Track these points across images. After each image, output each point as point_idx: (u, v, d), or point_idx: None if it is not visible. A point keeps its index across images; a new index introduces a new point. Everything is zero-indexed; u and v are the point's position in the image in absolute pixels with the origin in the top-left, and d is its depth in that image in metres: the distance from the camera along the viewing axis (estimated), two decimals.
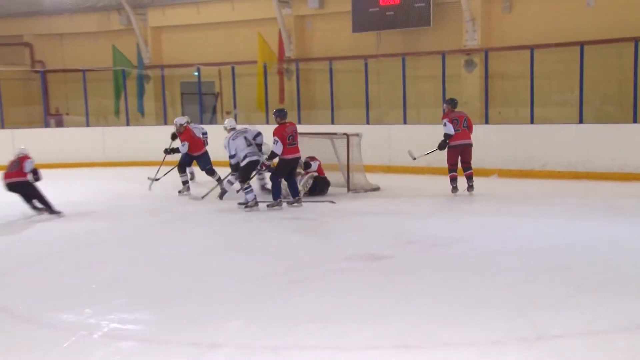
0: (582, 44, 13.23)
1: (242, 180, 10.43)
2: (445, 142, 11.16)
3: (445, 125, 11.11)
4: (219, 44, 18.57)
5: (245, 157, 10.48)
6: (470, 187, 11.27)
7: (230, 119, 11.59)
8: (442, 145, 11.23)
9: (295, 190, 10.53)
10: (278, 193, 10.39)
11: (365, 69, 15.49)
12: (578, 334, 4.93)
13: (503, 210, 10.11)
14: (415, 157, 11.63)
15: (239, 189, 10.60)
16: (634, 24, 13.67)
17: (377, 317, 5.37)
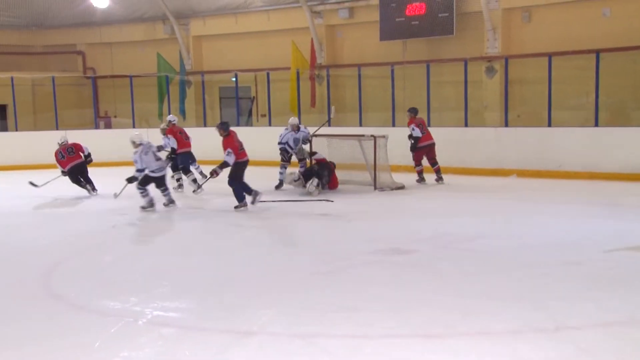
0: (597, 52, 13.11)
1: (140, 185, 10.31)
2: (415, 144, 12.33)
3: (413, 129, 12.32)
4: (255, 51, 18.63)
5: (154, 172, 10.28)
6: (439, 179, 12.38)
7: (139, 133, 11.06)
8: (413, 147, 12.36)
9: (248, 190, 10.25)
10: (241, 196, 10.17)
11: (391, 75, 15.52)
12: (594, 326, 4.86)
13: (521, 208, 10.02)
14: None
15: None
16: None
17: (400, 307, 5.34)
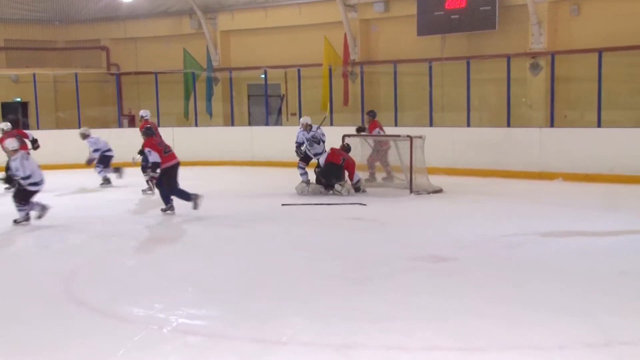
0: None
1: (19, 201, 9.64)
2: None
3: (378, 133, 13.17)
4: (286, 47, 18.65)
5: (37, 184, 9.72)
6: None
7: (14, 139, 10.14)
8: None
9: (186, 197, 10.14)
10: (168, 198, 10.16)
11: (429, 72, 15.32)
12: None
13: (567, 214, 9.84)
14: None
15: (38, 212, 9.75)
16: None
17: (440, 317, 5.28)
